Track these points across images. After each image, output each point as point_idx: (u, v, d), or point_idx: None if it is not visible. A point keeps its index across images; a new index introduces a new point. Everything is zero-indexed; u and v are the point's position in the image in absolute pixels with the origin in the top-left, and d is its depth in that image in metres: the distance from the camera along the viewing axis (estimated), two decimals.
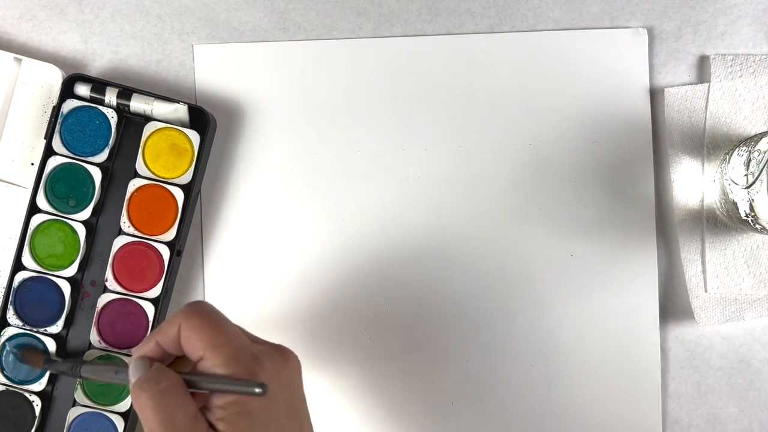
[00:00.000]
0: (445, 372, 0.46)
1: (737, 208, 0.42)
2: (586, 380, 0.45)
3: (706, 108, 0.46)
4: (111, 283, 0.43)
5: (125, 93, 0.43)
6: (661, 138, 0.46)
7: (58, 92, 0.44)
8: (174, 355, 0.35)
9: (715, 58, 0.46)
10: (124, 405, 0.43)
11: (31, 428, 0.43)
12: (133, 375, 0.34)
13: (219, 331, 0.33)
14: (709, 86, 0.45)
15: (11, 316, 0.43)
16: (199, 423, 0.32)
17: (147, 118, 0.44)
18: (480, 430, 0.46)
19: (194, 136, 0.43)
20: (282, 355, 0.35)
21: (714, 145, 0.45)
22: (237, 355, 0.32)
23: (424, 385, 0.46)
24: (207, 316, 0.33)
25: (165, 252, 0.43)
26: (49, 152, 0.43)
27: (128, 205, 0.43)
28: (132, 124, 0.45)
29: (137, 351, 0.35)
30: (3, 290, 0.44)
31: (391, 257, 0.46)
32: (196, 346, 0.33)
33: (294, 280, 0.46)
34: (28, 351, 0.43)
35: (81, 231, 0.43)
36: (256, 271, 0.46)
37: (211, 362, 0.32)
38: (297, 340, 0.45)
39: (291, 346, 0.45)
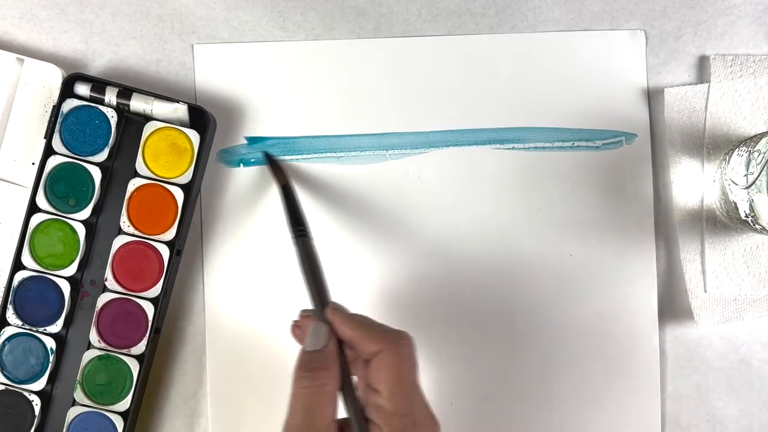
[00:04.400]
0: (445, 372, 0.46)
1: (737, 209, 0.42)
2: (586, 380, 0.45)
3: (706, 108, 0.46)
4: (110, 282, 0.43)
5: (125, 92, 0.43)
6: (659, 138, 0.46)
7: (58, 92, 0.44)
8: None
9: (715, 59, 0.46)
10: (123, 404, 0.43)
11: (31, 428, 0.43)
12: (309, 343, 0.35)
13: (407, 383, 0.34)
14: (709, 86, 0.46)
15: (11, 316, 0.43)
16: (331, 430, 0.33)
17: (147, 118, 0.44)
18: (479, 430, 0.45)
19: (194, 136, 0.43)
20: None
21: (714, 145, 0.45)
22: (405, 411, 0.34)
23: (423, 385, 0.45)
24: (408, 362, 0.35)
25: (165, 252, 0.43)
26: (48, 152, 0.43)
27: (128, 204, 0.43)
28: (132, 124, 0.45)
29: (330, 314, 0.36)
30: (3, 289, 0.44)
31: (390, 256, 0.46)
32: (380, 378, 0.34)
33: (294, 279, 0.45)
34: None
35: (81, 230, 0.43)
36: (255, 270, 0.46)
37: (382, 400, 0.34)
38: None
39: (290, 346, 0.45)
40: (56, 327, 0.43)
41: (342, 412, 0.35)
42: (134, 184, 0.43)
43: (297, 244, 0.39)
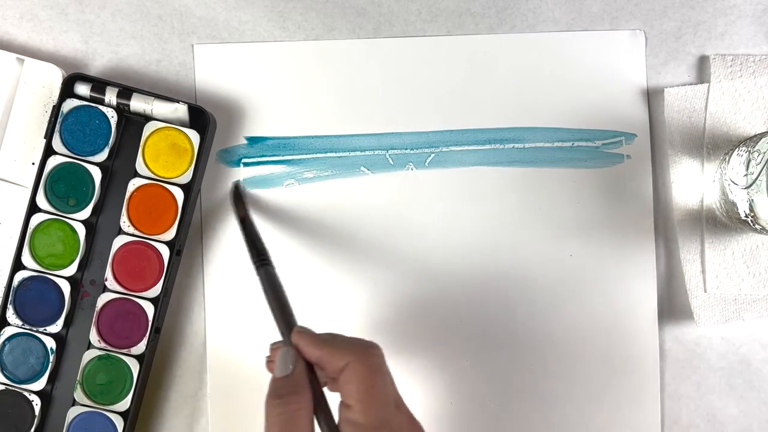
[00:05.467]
0: (444, 372, 0.46)
1: (737, 209, 0.42)
2: (586, 381, 0.45)
3: (705, 108, 0.46)
4: (111, 282, 0.43)
5: (125, 92, 0.43)
6: (659, 138, 0.46)
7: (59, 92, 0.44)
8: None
9: (714, 59, 0.46)
10: (123, 404, 0.43)
11: (31, 428, 0.43)
12: (279, 369, 0.34)
13: (378, 392, 0.33)
14: (708, 86, 0.46)
15: (11, 316, 0.43)
16: None
17: (147, 118, 0.44)
18: (479, 431, 0.46)
19: (194, 136, 0.43)
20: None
21: (714, 145, 0.45)
22: (379, 423, 0.33)
23: (423, 385, 0.46)
24: (378, 372, 0.34)
25: (165, 251, 0.43)
26: (49, 152, 0.43)
27: (128, 204, 0.43)
28: (132, 124, 0.45)
29: (294, 338, 0.35)
30: (3, 289, 0.44)
31: (391, 255, 0.46)
32: (350, 392, 0.33)
33: (294, 279, 0.46)
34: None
35: (81, 230, 0.43)
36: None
37: (355, 414, 0.33)
38: None
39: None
40: (56, 327, 0.43)
41: None
42: (134, 184, 0.43)
43: (259, 273, 0.39)
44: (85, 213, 0.43)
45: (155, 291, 0.43)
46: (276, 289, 0.38)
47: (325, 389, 0.35)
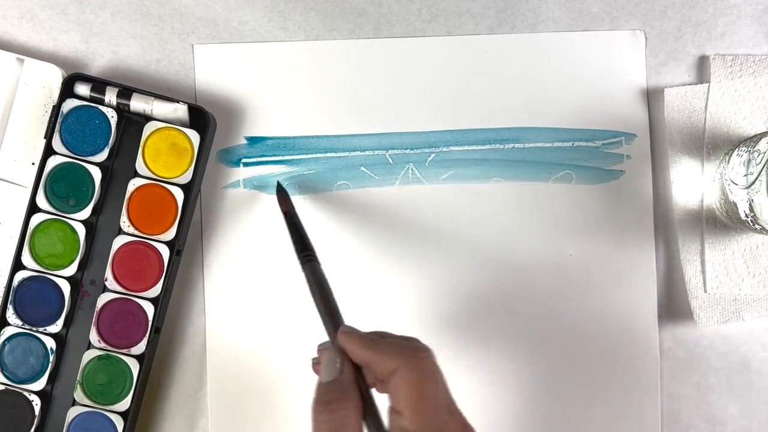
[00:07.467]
0: (445, 372, 0.46)
1: (737, 208, 0.42)
2: (586, 380, 0.45)
3: (705, 108, 0.46)
4: (111, 282, 0.43)
5: (125, 92, 0.43)
6: (659, 138, 0.46)
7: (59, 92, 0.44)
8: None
9: (714, 59, 0.46)
10: (123, 405, 0.43)
11: (31, 428, 0.43)
12: (325, 373, 0.33)
13: (430, 399, 0.31)
14: (708, 86, 0.46)
15: (11, 316, 0.43)
16: None
17: (147, 118, 0.44)
18: (479, 429, 0.45)
19: (194, 136, 0.43)
20: None
21: (714, 145, 0.45)
22: (431, 430, 0.31)
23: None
24: (430, 378, 0.32)
25: (165, 252, 0.43)
26: (49, 152, 0.43)
27: (128, 204, 0.43)
28: (132, 124, 0.45)
29: (340, 339, 0.33)
30: (3, 289, 0.44)
31: (390, 254, 0.46)
32: (400, 398, 0.31)
33: (294, 279, 0.46)
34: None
35: (81, 230, 0.43)
36: (255, 270, 0.46)
37: (405, 421, 0.31)
38: (296, 341, 0.45)
39: (290, 346, 0.45)
40: (56, 327, 0.43)
41: None
42: (134, 184, 0.43)
43: (304, 269, 0.38)
44: (85, 213, 0.43)
45: (155, 291, 0.43)
46: (322, 287, 0.36)
47: (374, 391, 0.34)
